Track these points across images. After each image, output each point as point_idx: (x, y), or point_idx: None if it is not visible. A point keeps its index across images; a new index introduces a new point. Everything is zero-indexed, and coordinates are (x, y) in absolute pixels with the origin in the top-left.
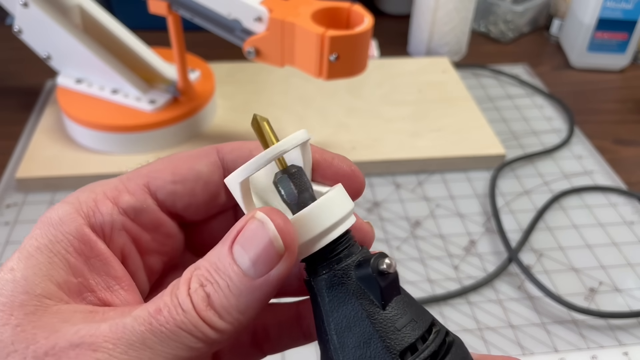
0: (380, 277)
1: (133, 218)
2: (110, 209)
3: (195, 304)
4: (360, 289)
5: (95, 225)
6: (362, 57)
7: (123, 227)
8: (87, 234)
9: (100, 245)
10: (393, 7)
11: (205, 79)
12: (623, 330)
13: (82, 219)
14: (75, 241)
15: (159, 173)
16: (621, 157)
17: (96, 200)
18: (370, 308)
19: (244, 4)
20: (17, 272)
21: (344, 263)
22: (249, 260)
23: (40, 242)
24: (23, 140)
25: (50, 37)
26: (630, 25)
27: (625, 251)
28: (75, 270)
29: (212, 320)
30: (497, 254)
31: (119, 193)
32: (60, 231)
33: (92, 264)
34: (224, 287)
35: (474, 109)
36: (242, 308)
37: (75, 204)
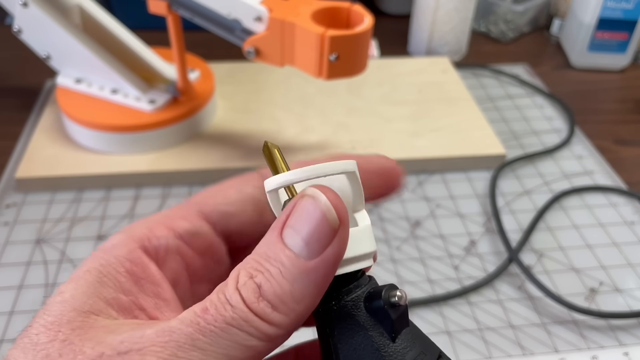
0: (392, 310)
1: (188, 242)
2: (166, 233)
3: (245, 298)
4: (370, 320)
5: (149, 249)
6: (362, 57)
7: (177, 251)
8: (139, 256)
9: (152, 267)
10: (393, 6)
11: (205, 79)
12: (623, 330)
13: (135, 243)
14: (126, 262)
15: (210, 199)
16: (621, 157)
17: (150, 228)
18: (380, 340)
19: (244, 4)
20: (65, 294)
21: (353, 294)
22: (302, 240)
23: (91, 265)
24: (22, 140)
25: (50, 37)
26: (630, 25)
27: (625, 251)
28: (125, 289)
29: (266, 313)
30: (497, 254)
31: (173, 220)
32: (112, 255)
33: (142, 285)
34: (276, 274)
35: (474, 109)
36: (298, 295)
37: (128, 232)
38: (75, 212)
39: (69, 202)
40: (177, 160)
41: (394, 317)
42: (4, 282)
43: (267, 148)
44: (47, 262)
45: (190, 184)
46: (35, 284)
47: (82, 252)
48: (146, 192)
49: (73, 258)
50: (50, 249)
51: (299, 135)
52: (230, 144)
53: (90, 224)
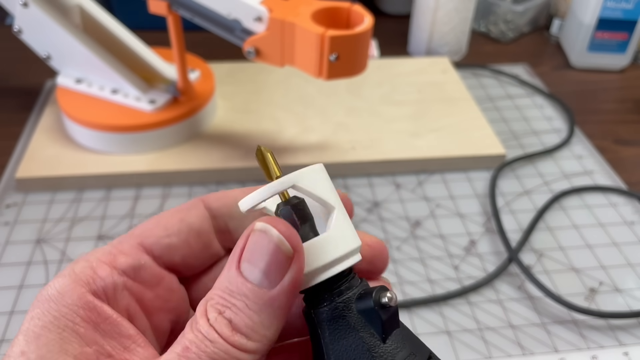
0: (382, 311)
1: (133, 277)
2: (109, 272)
3: (220, 333)
4: (361, 321)
5: (97, 291)
6: (362, 57)
7: (125, 287)
8: (90, 301)
9: (106, 309)
10: (393, 7)
11: (205, 79)
12: (623, 330)
13: (82, 288)
14: (80, 310)
15: (150, 231)
16: (621, 157)
17: (93, 268)
18: (371, 341)
19: (244, 4)
20: (30, 355)
21: (345, 295)
22: (260, 272)
23: (45, 320)
24: (23, 140)
25: (50, 37)
26: (630, 25)
27: (625, 251)
28: (87, 340)
29: (241, 343)
30: (497, 254)
31: (113, 257)
32: (62, 304)
33: (102, 329)
34: (242, 307)
35: (474, 109)
36: (266, 323)
37: (72, 275)
38: (75, 212)
39: (69, 202)
40: (177, 160)
41: (384, 318)
42: (4, 282)
43: (260, 152)
44: (48, 262)
45: (190, 184)
46: (36, 284)
47: (83, 252)
48: (146, 192)
49: (73, 258)
50: (50, 249)
51: (299, 135)
52: (230, 144)
53: (91, 224)
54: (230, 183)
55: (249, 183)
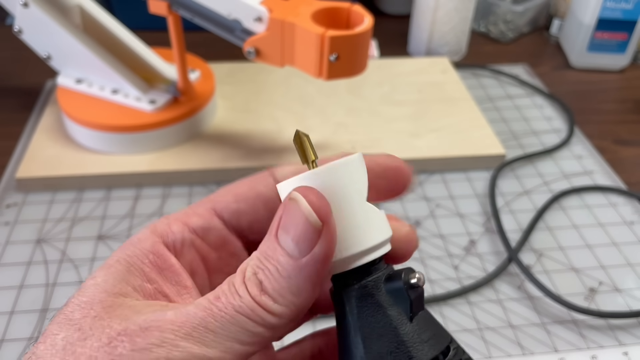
0: (410, 290)
1: (202, 236)
2: (181, 228)
3: (250, 290)
4: (389, 300)
5: (168, 243)
6: (362, 57)
7: (192, 245)
8: (161, 249)
9: (172, 259)
10: (393, 7)
11: (206, 79)
12: (623, 330)
13: (157, 238)
14: (150, 254)
15: (222, 197)
16: (621, 157)
17: (169, 224)
18: (398, 319)
19: (244, 4)
20: (98, 278)
21: (374, 275)
22: (292, 241)
23: (120, 256)
24: (23, 140)
25: (51, 37)
26: (630, 25)
27: (625, 251)
28: (149, 278)
29: (268, 305)
30: (497, 254)
31: (188, 216)
32: (137, 247)
33: (164, 275)
34: (273, 271)
35: (474, 109)
36: (294, 289)
37: (151, 228)
38: (75, 212)
39: (70, 202)
40: (177, 160)
41: (412, 297)
42: (5, 282)
43: (298, 137)
44: (48, 262)
45: (191, 184)
46: (36, 284)
47: (83, 252)
48: (146, 192)
49: (73, 258)
50: (50, 249)
51: None
52: (230, 144)
53: (91, 224)
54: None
55: None
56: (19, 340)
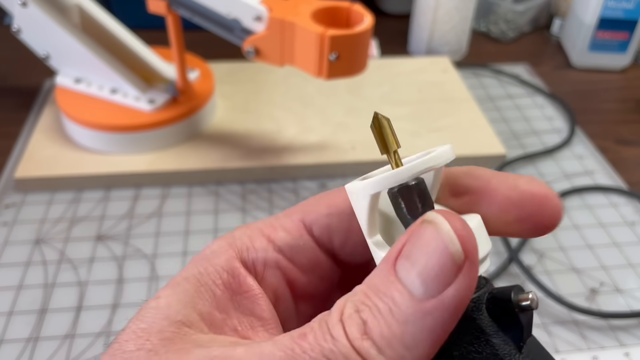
0: (521, 314)
1: (289, 256)
2: (265, 245)
3: (348, 332)
4: (493, 326)
5: (247, 261)
6: (362, 56)
7: (277, 266)
8: (236, 267)
9: (249, 281)
10: (393, 6)
11: (205, 79)
12: (624, 330)
13: (233, 253)
14: (224, 273)
15: (313, 207)
16: (622, 157)
17: (251, 237)
18: (505, 349)
19: (244, 3)
20: (161, 300)
21: (475, 295)
22: (417, 274)
23: (190, 272)
24: (22, 140)
25: (49, 37)
26: (631, 24)
27: (626, 251)
28: (220, 305)
29: (369, 354)
30: (497, 254)
31: (274, 230)
32: (210, 263)
33: (238, 301)
34: (385, 311)
35: (475, 109)
36: (408, 340)
37: (229, 239)
38: (74, 212)
39: (68, 202)
40: (176, 160)
41: (524, 322)
42: (3, 282)
43: (377, 121)
44: (47, 263)
45: (190, 184)
46: (35, 284)
47: (82, 252)
48: (145, 192)
49: (72, 258)
50: (49, 249)
51: (299, 135)
52: (230, 143)
53: (90, 224)
54: (230, 183)
55: (249, 183)
56: (17, 341)
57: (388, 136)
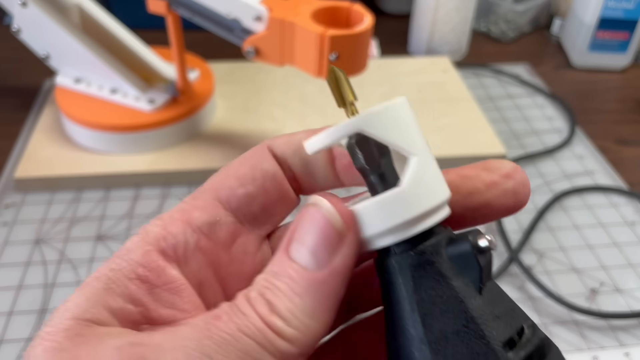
0: (480, 256)
1: (208, 234)
2: (182, 228)
3: (257, 309)
4: (453, 269)
5: (166, 249)
6: (362, 56)
7: (198, 247)
8: (154, 260)
9: (171, 272)
10: (393, 6)
11: (205, 79)
12: (624, 330)
13: (149, 245)
14: (139, 268)
15: (223, 182)
16: (623, 157)
17: (164, 225)
18: (464, 291)
19: (244, 3)
20: (69, 302)
21: (433, 239)
22: (308, 251)
23: (102, 272)
24: (21, 140)
25: (49, 37)
26: (631, 24)
27: (626, 252)
28: (134, 300)
29: (278, 326)
30: (497, 254)
31: (187, 212)
32: (124, 259)
33: (157, 294)
34: (285, 289)
35: (475, 109)
36: (309, 309)
37: (142, 234)
38: (74, 212)
39: (68, 202)
40: (176, 160)
41: (482, 264)
42: (3, 282)
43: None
44: (46, 263)
45: (190, 184)
46: (34, 284)
47: (81, 252)
48: (145, 192)
49: (72, 258)
50: (49, 249)
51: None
52: (230, 143)
53: (90, 224)
54: None
55: None
56: (17, 340)
57: (344, 89)
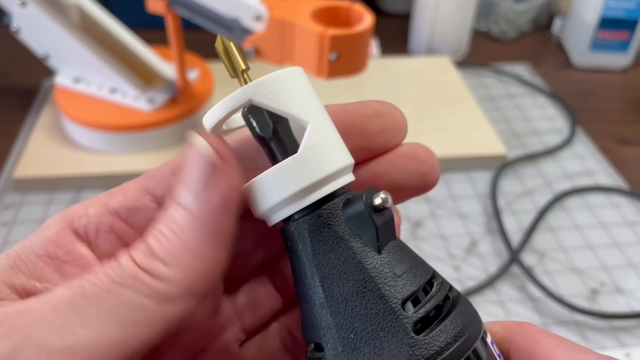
0: (375, 215)
1: (125, 218)
2: (99, 210)
3: (134, 257)
4: (350, 230)
5: (78, 229)
6: (363, 56)
7: (111, 229)
8: (65, 238)
9: (80, 249)
10: (394, 5)
11: (204, 78)
12: (625, 331)
13: (64, 223)
14: (50, 244)
15: (157, 172)
16: (623, 157)
17: (86, 205)
18: (362, 251)
19: (243, 3)
20: None
21: (329, 202)
22: (187, 190)
23: (14, 249)
24: (21, 139)
25: (49, 36)
26: (632, 24)
27: (627, 252)
28: (41, 276)
29: (155, 268)
30: (498, 255)
31: (112, 195)
32: (37, 236)
33: (64, 270)
34: (166, 231)
35: (475, 109)
36: (190, 247)
37: (64, 212)
38: None
39: (68, 202)
40: None
41: (378, 223)
42: None
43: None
44: None
45: None
46: None
47: None
48: None
49: None
50: None
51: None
52: None
53: None
54: None
55: None
56: None
57: (235, 58)
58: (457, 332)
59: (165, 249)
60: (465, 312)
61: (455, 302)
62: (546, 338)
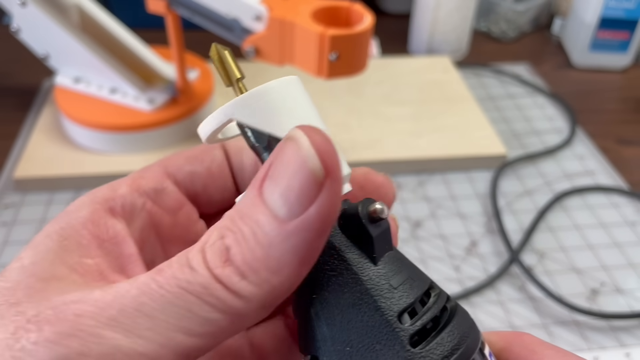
0: (371, 226)
1: (154, 199)
2: (130, 191)
3: (208, 260)
4: (345, 241)
5: (115, 207)
6: (363, 56)
7: (143, 208)
8: (102, 217)
9: (117, 226)
10: (394, 5)
11: (204, 78)
12: (625, 331)
13: (98, 204)
14: (89, 224)
15: (173, 159)
16: (623, 157)
17: (113, 188)
18: (359, 263)
19: (243, 3)
20: (25, 260)
21: None
22: (280, 195)
23: (51, 230)
24: (21, 140)
25: (49, 36)
26: (632, 24)
27: (627, 252)
28: (89, 253)
29: (232, 281)
30: (498, 255)
31: (135, 180)
32: (73, 217)
33: (106, 248)
34: (248, 235)
35: (475, 109)
36: (273, 264)
37: (90, 195)
38: None
39: (68, 202)
40: None
41: (374, 234)
42: None
43: (217, 52)
44: None
45: None
46: None
47: None
48: None
49: None
50: None
51: None
52: None
53: None
54: None
55: None
56: None
57: (230, 66)
58: (455, 345)
59: (244, 258)
60: (462, 323)
61: (453, 313)
62: (545, 349)
